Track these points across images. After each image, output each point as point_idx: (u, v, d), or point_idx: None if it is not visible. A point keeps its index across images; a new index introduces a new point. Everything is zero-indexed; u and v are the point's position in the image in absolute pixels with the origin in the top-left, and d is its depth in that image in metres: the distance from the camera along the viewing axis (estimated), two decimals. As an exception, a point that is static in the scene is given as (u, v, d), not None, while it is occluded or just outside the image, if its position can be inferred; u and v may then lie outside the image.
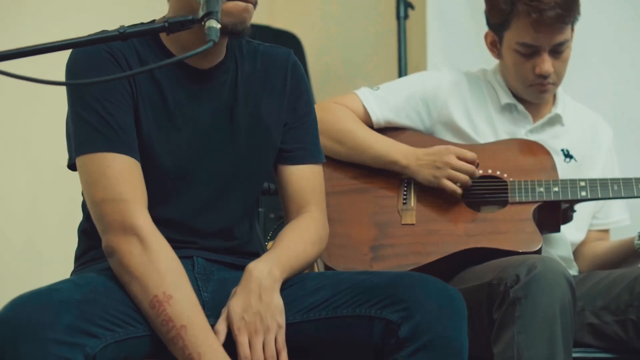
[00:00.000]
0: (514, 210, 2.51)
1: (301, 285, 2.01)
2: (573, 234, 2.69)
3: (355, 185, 2.63)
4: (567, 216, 2.60)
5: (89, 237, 2.06)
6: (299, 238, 2.10)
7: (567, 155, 2.71)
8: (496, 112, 2.72)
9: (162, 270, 1.90)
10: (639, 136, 3.38)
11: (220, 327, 1.92)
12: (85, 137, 1.98)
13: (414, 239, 2.51)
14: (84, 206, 2.07)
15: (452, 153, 2.54)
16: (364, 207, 2.58)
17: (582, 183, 2.53)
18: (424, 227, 2.53)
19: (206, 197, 2.08)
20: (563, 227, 2.59)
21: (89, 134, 1.97)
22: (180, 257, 1.96)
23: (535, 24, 2.56)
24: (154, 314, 1.87)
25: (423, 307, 1.86)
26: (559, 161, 2.63)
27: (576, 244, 2.73)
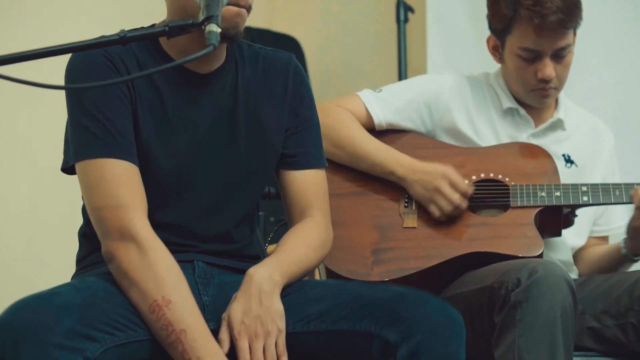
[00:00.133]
0: (515, 214, 2.50)
1: (302, 293, 2.01)
2: (573, 239, 2.68)
3: (356, 187, 2.62)
4: (569, 220, 2.59)
5: (89, 241, 2.06)
6: (301, 243, 2.09)
7: (568, 160, 2.71)
8: (498, 116, 2.71)
9: (160, 275, 1.90)
10: (639, 136, 3.37)
11: (224, 336, 1.92)
12: (83, 142, 1.98)
13: (416, 243, 2.50)
14: (84, 210, 2.06)
15: (446, 178, 2.52)
16: (365, 209, 2.57)
17: (584, 188, 2.52)
18: (425, 230, 2.52)
19: (206, 201, 2.08)
20: (564, 231, 2.59)
21: (88, 140, 1.97)
22: (180, 261, 1.96)
23: (538, 28, 2.55)
24: (154, 318, 1.87)
25: (424, 327, 1.87)
26: (560, 166, 2.62)
27: (576, 248, 2.72)
